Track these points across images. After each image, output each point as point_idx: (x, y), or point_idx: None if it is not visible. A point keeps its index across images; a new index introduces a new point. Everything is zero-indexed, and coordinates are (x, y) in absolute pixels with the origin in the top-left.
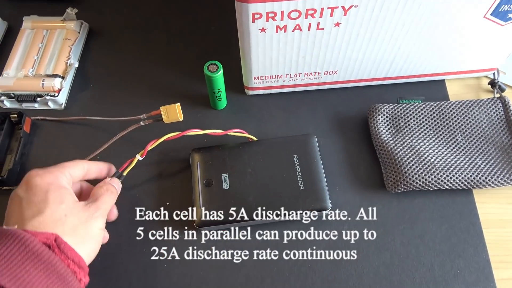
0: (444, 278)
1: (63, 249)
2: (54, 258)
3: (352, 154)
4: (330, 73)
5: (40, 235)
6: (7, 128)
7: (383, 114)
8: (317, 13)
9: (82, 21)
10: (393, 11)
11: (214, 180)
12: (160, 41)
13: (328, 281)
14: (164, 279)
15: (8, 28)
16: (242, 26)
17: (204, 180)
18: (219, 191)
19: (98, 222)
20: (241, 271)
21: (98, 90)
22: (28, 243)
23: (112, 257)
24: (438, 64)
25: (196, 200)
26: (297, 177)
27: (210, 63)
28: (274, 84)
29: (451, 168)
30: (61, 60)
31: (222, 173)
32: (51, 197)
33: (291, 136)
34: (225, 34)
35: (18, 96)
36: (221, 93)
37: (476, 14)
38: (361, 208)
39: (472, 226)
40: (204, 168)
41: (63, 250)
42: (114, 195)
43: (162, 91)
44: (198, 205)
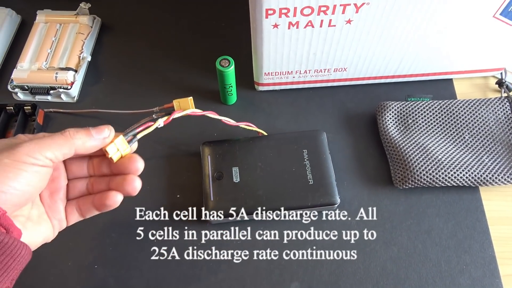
0: (450, 273)
1: None
2: None
3: (360, 151)
4: (340, 70)
5: None
6: (21, 119)
7: (392, 111)
8: (330, 10)
9: (95, 16)
10: (404, 9)
11: (224, 173)
12: (171, 36)
13: (336, 274)
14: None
15: (21, 22)
16: (255, 22)
17: (215, 173)
18: (230, 184)
19: (11, 153)
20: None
21: (110, 84)
22: None
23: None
24: (446, 63)
25: (207, 193)
26: (307, 172)
27: (222, 58)
28: (284, 80)
29: (458, 165)
30: (74, 54)
31: (232, 166)
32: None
33: (301, 132)
34: (236, 30)
35: (31, 89)
36: (232, 88)
37: (486, 14)
38: (368, 204)
39: (478, 222)
40: (214, 162)
41: None
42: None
43: (172, 86)
44: (209, 197)
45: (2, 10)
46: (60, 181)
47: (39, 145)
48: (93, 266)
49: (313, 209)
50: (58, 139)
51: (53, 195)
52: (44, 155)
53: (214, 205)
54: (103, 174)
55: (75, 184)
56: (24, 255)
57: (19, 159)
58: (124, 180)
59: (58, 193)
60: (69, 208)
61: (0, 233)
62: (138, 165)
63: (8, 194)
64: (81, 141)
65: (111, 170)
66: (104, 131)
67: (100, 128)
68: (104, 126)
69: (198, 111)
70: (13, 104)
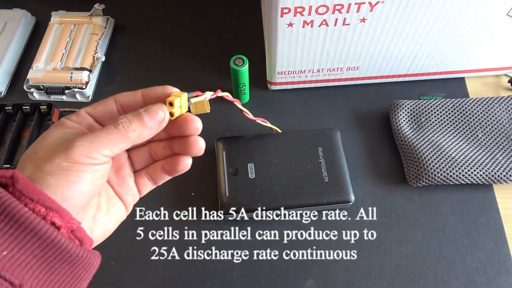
0: (465, 271)
1: (17, 185)
2: (4, 196)
3: (373, 149)
4: (352, 69)
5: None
6: (37, 119)
7: (405, 110)
8: (344, 8)
9: (108, 17)
10: (418, 8)
11: (240, 169)
12: (184, 36)
13: (351, 271)
14: (189, 267)
15: (36, 23)
16: (270, 21)
17: (230, 168)
18: (246, 180)
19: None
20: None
21: (124, 84)
22: None
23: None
24: (459, 61)
25: (222, 187)
26: (322, 170)
27: (236, 57)
28: (297, 79)
29: (472, 163)
30: (88, 54)
31: (248, 162)
32: (39, 137)
33: (316, 130)
34: (249, 30)
35: (47, 88)
36: (245, 87)
37: (499, 12)
38: (382, 202)
39: (492, 220)
40: (230, 157)
41: (17, 187)
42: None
43: (185, 85)
44: (224, 192)
45: (18, 12)
46: (121, 157)
47: (95, 144)
48: (109, 262)
49: (328, 207)
50: (114, 134)
51: (119, 172)
52: (102, 153)
53: (229, 200)
54: (161, 138)
55: (137, 154)
56: (95, 265)
57: (77, 161)
58: (188, 143)
59: (124, 169)
60: (140, 180)
61: (76, 246)
62: (197, 124)
63: (75, 199)
64: (137, 133)
65: (170, 133)
66: (158, 113)
67: (153, 110)
68: (157, 106)
69: (230, 97)
70: (29, 104)
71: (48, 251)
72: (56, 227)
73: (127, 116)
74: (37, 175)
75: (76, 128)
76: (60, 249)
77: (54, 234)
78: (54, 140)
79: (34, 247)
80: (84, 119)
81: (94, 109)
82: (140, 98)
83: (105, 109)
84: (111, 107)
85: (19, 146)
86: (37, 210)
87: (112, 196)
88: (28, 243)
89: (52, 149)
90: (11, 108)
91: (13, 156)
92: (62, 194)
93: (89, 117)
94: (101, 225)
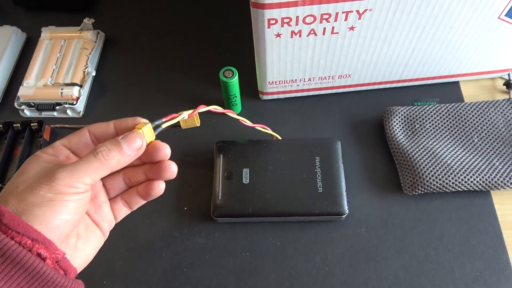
0: (464, 280)
1: (3, 219)
2: None
3: (367, 157)
4: (344, 77)
5: None
6: (28, 136)
7: (398, 116)
8: (332, 17)
9: (99, 31)
10: (407, 14)
11: (235, 173)
12: (175, 49)
13: (347, 284)
14: (184, 283)
15: (27, 39)
16: (258, 32)
17: (226, 172)
18: (239, 184)
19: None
20: (260, 274)
21: (115, 98)
22: None
23: (131, 261)
24: (452, 65)
25: (216, 191)
26: (317, 180)
27: (225, 69)
28: (289, 88)
29: (469, 169)
30: (79, 69)
31: (243, 167)
32: (17, 172)
33: (315, 139)
34: (239, 41)
35: (38, 105)
36: (236, 99)
37: (491, 15)
38: (378, 211)
39: (491, 227)
40: (226, 161)
41: (3, 221)
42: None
43: (177, 98)
44: (217, 196)
45: (8, 29)
46: (97, 185)
47: (76, 173)
48: (102, 281)
49: (320, 217)
50: (94, 163)
51: (95, 200)
52: (84, 182)
53: (221, 204)
54: (135, 165)
55: (111, 182)
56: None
57: (61, 191)
58: (160, 168)
59: (99, 196)
60: (115, 206)
61: (61, 277)
62: (166, 150)
63: (61, 228)
64: (116, 160)
65: (142, 160)
66: (136, 141)
67: (131, 138)
68: (134, 134)
69: (219, 108)
70: (20, 121)
71: (34, 282)
72: (42, 258)
73: (106, 145)
74: (22, 207)
75: (53, 160)
76: (45, 280)
77: (40, 265)
78: (35, 174)
79: (21, 279)
80: (60, 150)
81: (69, 141)
82: (113, 129)
83: (80, 140)
84: (85, 137)
85: (11, 164)
86: (23, 242)
87: (89, 223)
88: (14, 275)
89: (34, 182)
90: (2, 126)
91: (4, 174)
92: (48, 224)
93: (65, 149)
94: (83, 252)
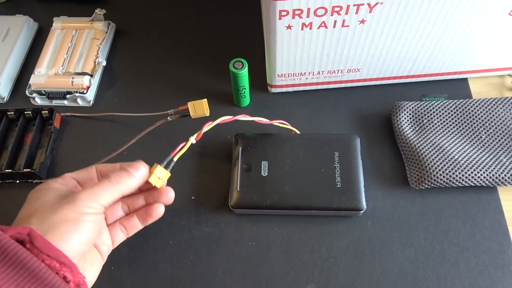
0: (469, 275)
1: (35, 242)
2: (23, 253)
3: (374, 151)
4: (353, 71)
5: (11, 230)
6: (39, 124)
7: (406, 111)
8: (343, 10)
9: (110, 22)
10: (418, 8)
11: (254, 166)
12: (184, 40)
13: (352, 275)
14: (190, 271)
15: (38, 29)
16: (269, 24)
17: (244, 164)
18: (258, 177)
19: (74, 206)
20: (266, 264)
21: (125, 88)
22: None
23: (138, 248)
24: (461, 62)
25: (234, 182)
26: (335, 175)
27: (235, 60)
28: (297, 82)
29: (476, 165)
30: (90, 59)
31: (262, 160)
32: (27, 200)
33: (334, 134)
34: (248, 34)
35: (48, 93)
36: (245, 90)
37: (501, 11)
38: (384, 205)
39: (497, 223)
40: (245, 153)
41: (35, 244)
42: (111, 182)
43: (186, 88)
44: (236, 187)
45: (20, 18)
46: None
47: (95, 195)
48: (110, 267)
49: (338, 213)
50: (108, 186)
51: None
52: (100, 203)
53: (240, 195)
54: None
55: (111, 209)
56: None
57: (83, 211)
58: (159, 193)
59: None
60: (113, 231)
61: None
62: (170, 194)
63: (82, 246)
64: (126, 183)
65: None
66: (140, 168)
67: (135, 165)
68: (137, 163)
69: (228, 117)
70: (31, 109)
71: None
72: (66, 281)
73: (115, 171)
74: (46, 226)
75: (63, 189)
76: None
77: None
78: (52, 198)
79: None
80: (69, 181)
81: (77, 174)
82: (118, 169)
83: (88, 175)
84: (92, 173)
85: (21, 151)
86: (52, 265)
87: (92, 248)
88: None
89: (54, 204)
90: (13, 113)
91: (15, 161)
92: (72, 242)
93: (73, 180)
94: (89, 274)
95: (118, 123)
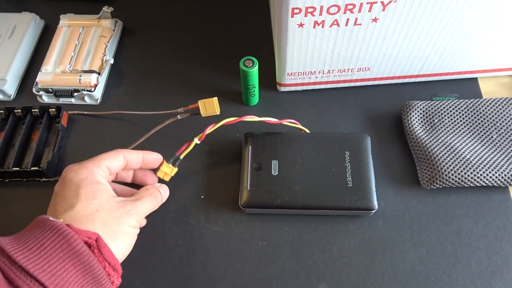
0: (481, 275)
1: (102, 250)
2: (93, 260)
3: (385, 151)
4: (363, 70)
5: (83, 233)
6: (46, 121)
7: (417, 111)
8: (356, 8)
9: (117, 19)
10: (431, 7)
11: (264, 164)
12: (192, 39)
13: (364, 275)
14: (200, 270)
15: (45, 26)
16: (281, 21)
17: (254, 163)
18: (268, 176)
19: (131, 220)
20: (276, 264)
21: (132, 86)
22: (71, 241)
23: (147, 247)
24: (472, 61)
25: (244, 181)
26: (347, 174)
27: (246, 59)
28: (307, 80)
29: (487, 165)
30: (97, 57)
31: (272, 159)
32: (83, 193)
33: (345, 133)
34: (256, 32)
35: (56, 91)
36: (254, 89)
37: None
38: (395, 204)
39: (509, 223)
40: (255, 152)
41: (102, 252)
42: (156, 200)
43: (194, 87)
44: (246, 186)
45: (27, 15)
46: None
47: (143, 212)
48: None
49: (349, 212)
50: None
51: None
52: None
53: (250, 194)
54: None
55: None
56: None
57: (136, 226)
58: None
59: None
60: None
61: None
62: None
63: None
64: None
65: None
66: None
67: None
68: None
69: (232, 119)
70: (38, 107)
71: None
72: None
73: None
74: (108, 234)
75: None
76: None
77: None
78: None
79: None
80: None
81: (110, 163)
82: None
83: (117, 164)
84: (121, 161)
85: (28, 149)
86: (109, 272)
87: None
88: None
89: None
90: (21, 111)
91: (22, 159)
92: (124, 252)
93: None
94: None
95: (126, 121)
